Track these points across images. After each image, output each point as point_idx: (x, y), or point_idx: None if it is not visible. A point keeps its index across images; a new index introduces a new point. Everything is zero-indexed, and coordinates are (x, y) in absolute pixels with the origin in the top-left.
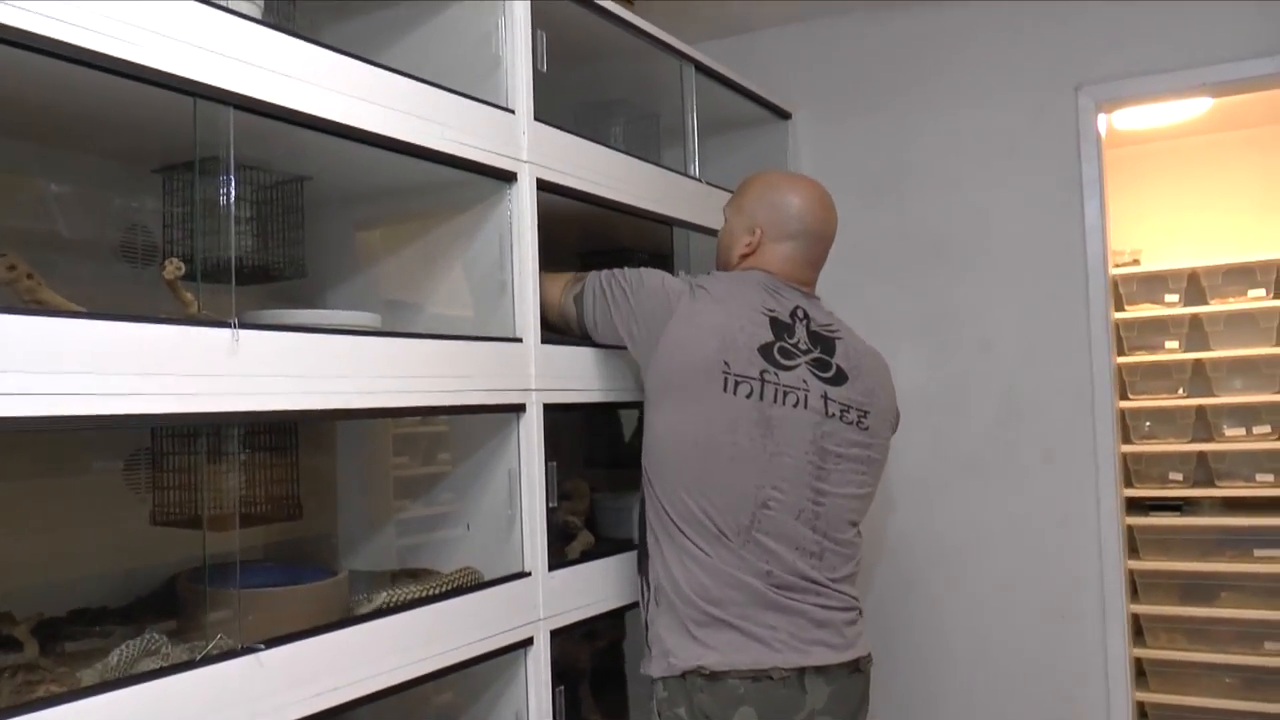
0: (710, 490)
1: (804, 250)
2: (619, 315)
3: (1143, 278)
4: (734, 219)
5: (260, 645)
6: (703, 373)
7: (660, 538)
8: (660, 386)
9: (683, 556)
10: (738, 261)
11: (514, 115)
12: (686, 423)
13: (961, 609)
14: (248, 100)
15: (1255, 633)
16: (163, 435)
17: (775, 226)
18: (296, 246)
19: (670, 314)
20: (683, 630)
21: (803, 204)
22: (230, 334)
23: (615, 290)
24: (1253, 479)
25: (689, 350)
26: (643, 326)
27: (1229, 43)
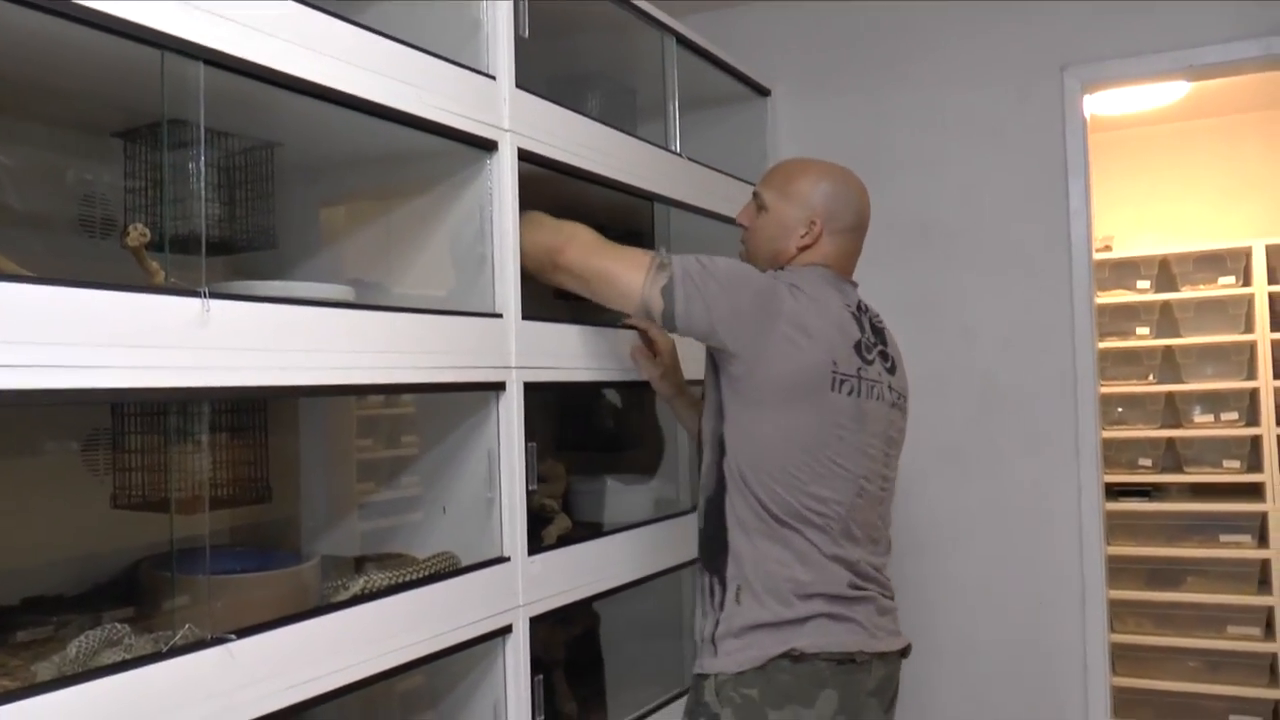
0: (817, 486)
1: (854, 243)
2: (718, 315)
3: (1115, 264)
4: (783, 207)
5: (231, 635)
6: (815, 375)
7: (753, 534)
8: (768, 389)
9: (782, 551)
10: (794, 253)
11: (495, 82)
12: (798, 424)
13: (941, 595)
14: (219, 55)
15: (1219, 617)
16: (124, 413)
17: (834, 219)
18: (266, 216)
19: (778, 315)
20: (773, 621)
21: (857, 197)
22: (200, 304)
23: (712, 287)
24: (1220, 465)
25: (803, 353)
26: (746, 328)
27: (1214, 25)
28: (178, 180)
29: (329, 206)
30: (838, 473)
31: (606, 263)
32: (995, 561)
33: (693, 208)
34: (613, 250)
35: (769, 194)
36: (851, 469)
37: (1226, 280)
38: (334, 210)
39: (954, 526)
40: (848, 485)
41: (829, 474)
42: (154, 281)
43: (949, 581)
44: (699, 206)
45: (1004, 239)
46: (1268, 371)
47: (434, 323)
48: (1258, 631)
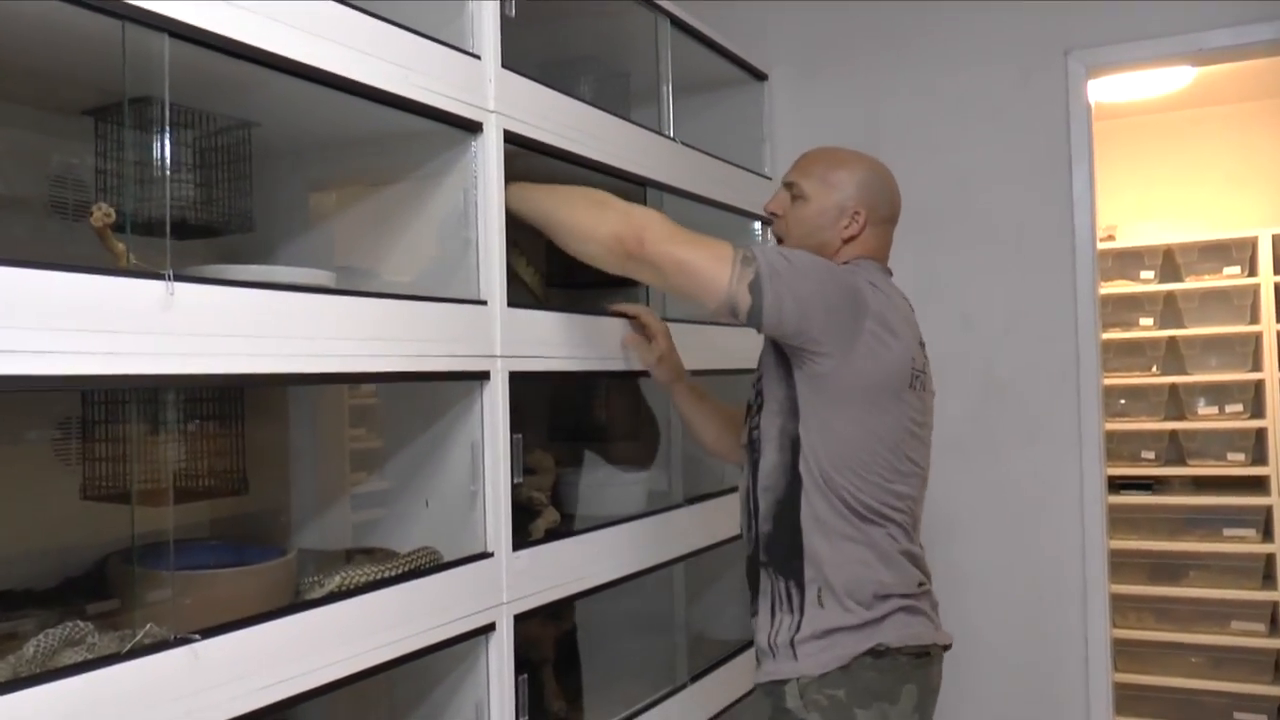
0: (899, 484)
1: (890, 234)
2: (810, 312)
3: (1118, 253)
4: (825, 197)
5: (195, 635)
6: (899, 374)
7: (834, 535)
8: (855, 387)
9: (865, 552)
10: (838, 245)
11: (480, 61)
12: (882, 423)
13: (940, 588)
14: (184, 28)
15: (1222, 612)
16: (95, 401)
17: (875, 209)
18: (243, 198)
19: (865, 312)
20: (856, 623)
21: (892, 186)
22: (164, 287)
23: (802, 284)
24: (1224, 458)
25: (890, 351)
26: (837, 325)
27: (1222, 8)
28: (147, 161)
29: (310, 189)
30: (913, 470)
31: (688, 254)
32: (995, 554)
33: (687, 193)
34: (692, 240)
35: (808, 182)
36: (922, 464)
37: (1232, 270)
38: (315, 193)
39: (953, 519)
40: (919, 481)
41: (908, 471)
42: (120, 263)
43: (948, 574)
44: (693, 192)
45: (1005, 226)
46: (1273, 363)
47: (416, 310)
48: (1262, 627)
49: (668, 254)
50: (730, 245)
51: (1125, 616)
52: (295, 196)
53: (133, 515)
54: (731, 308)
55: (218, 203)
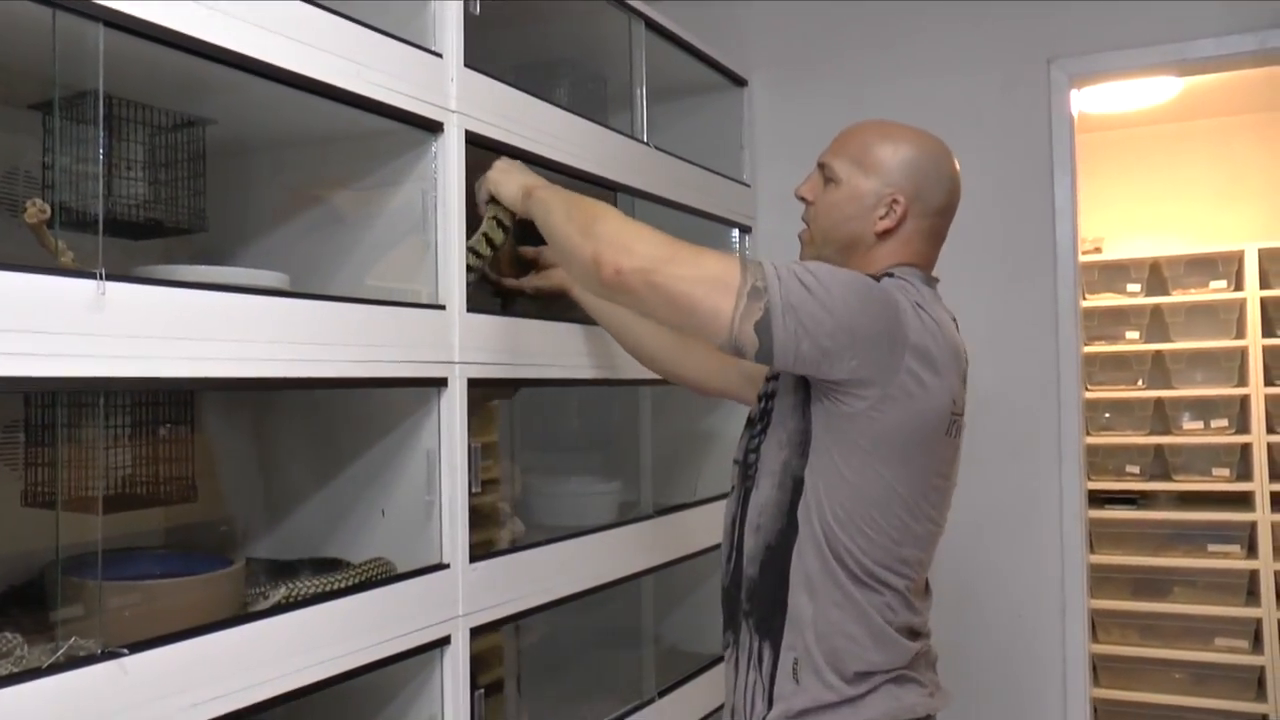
0: (908, 547)
1: (939, 230)
2: (836, 357)
3: (1104, 266)
4: (859, 180)
5: (123, 650)
6: (935, 422)
7: (821, 599)
8: (883, 435)
9: (854, 626)
10: (872, 240)
11: (441, 60)
12: (904, 477)
13: None
14: (121, 17)
15: (1206, 628)
16: (37, 404)
17: (921, 197)
18: (196, 197)
19: (903, 345)
20: (836, 700)
21: (950, 171)
22: (95, 286)
23: (824, 320)
24: (1208, 473)
25: (928, 394)
26: (867, 368)
27: (1208, 18)
28: (90, 156)
29: (268, 189)
30: (929, 531)
31: (681, 284)
32: (973, 569)
33: (659, 199)
34: (688, 264)
35: (840, 163)
36: (939, 519)
37: (1218, 285)
38: (274, 193)
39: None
40: (932, 539)
41: (922, 534)
42: (59, 261)
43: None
44: (666, 198)
45: (987, 237)
46: (1259, 378)
47: (370, 313)
48: (1245, 644)
49: (654, 283)
50: (737, 267)
51: (1109, 632)
52: (253, 196)
53: (58, 522)
54: (735, 350)
55: (169, 201)
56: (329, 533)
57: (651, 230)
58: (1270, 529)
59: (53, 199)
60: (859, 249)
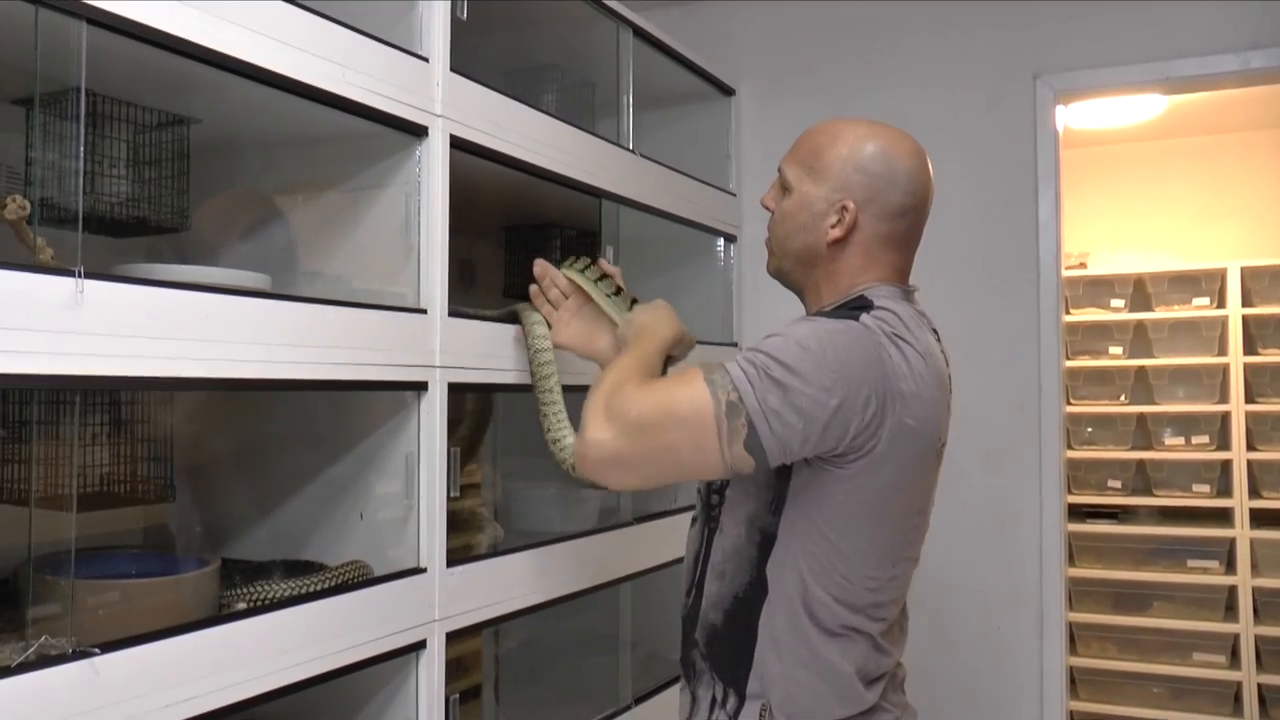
0: (883, 594)
1: (907, 235)
2: (828, 435)
3: (1089, 281)
4: (810, 187)
5: (95, 649)
6: (925, 461)
7: (787, 655)
8: (871, 496)
9: (819, 683)
10: (826, 252)
11: (428, 64)
12: (887, 530)
13: None
14: (103, 15)
15: (1185, 643)
16: (14, 400)
17: (877, 200)
18: (180, 196)
19: (895, 402)
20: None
21: (909, 166)
22: (74, 284)
23: (807, 407)
24: (1189, 489)
25: (917, 440)
26: (858, 435)
27: (1192, 38)
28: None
29: (252, 188)
30: (906, 568)
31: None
32: (951, 581)
33: (644, 206)
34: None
35: (791, 169)
36: (916, 554)
37: (1201, 301)
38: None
39: None
40: (907, 579)
41: (900, 574)
42: (38, 258)
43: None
44: (651, 206)
45: (970, 250)
46: (1240, 395)
47: (352, 316)
48: (1223, 659)
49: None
50: (706, 392)
51: (1089, 646)
52: None
53: (30, 519)
54: (736, 475)
55: (152, 199)
56: (307, 535)
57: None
58: (1249, 545)
59: (34, 195)
60: (817, 262)
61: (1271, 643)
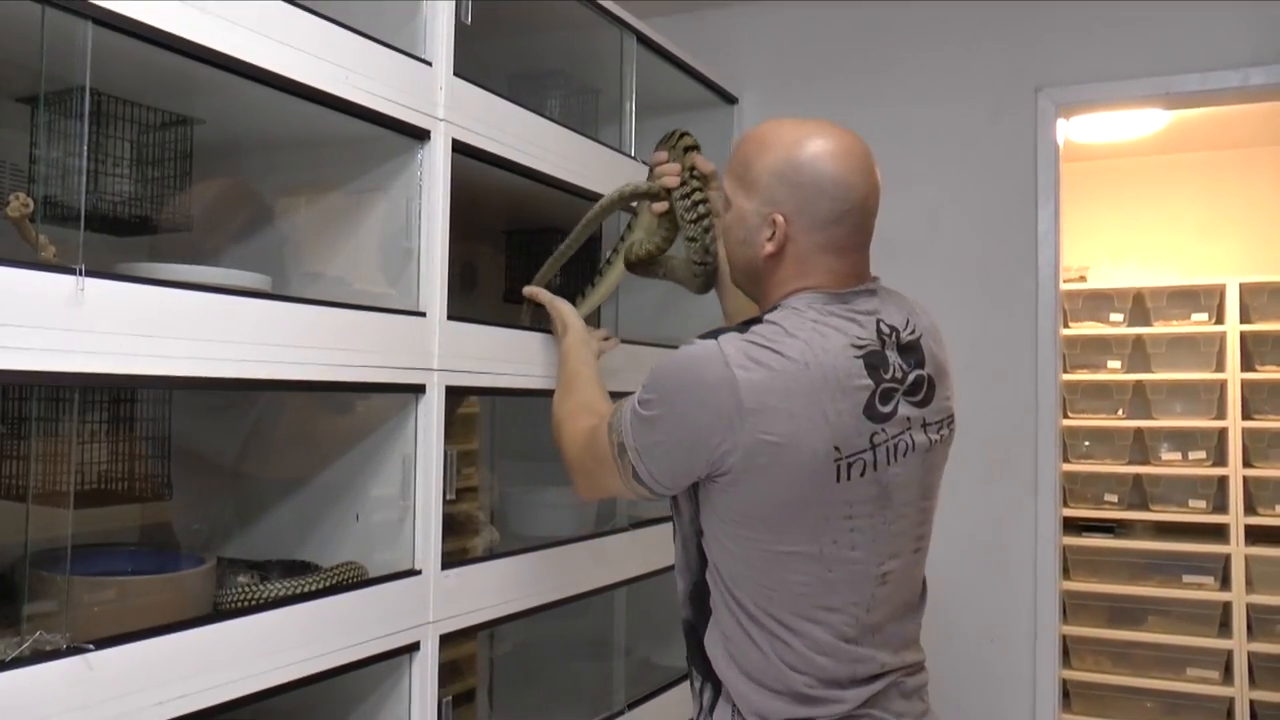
0: (826, 597)
1: (850, 236)
2: (689, 468)
3: (1089, 295)
4: (743, 202)
5: (89, 645)
6: (814, 480)
7: (739, 649)
8: (752, 512)
9: (766, 666)
10: (764, 265)
11: (431, 68)
12: (797, 538)
13: None
14: (109, 15)
15: (1179, 658)
16: (11, 397)
17: (805, 212)
18: (183, 196)
19: (739, 426)
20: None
21: (836, 170)
22: (75, 282)
23: (663, 445)
24: (1185, 504)
25: (792, 451)
26: (715, 461)
27: (1193, 54)
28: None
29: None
30: (850, 572)
31: (592, 480)
32: (946, 592)
33: None
34: (584, 463)
35: (728, 182)
36: (869, 560)
37: (1199, 317)
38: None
39: None
40: (865, 582)
41: (840, 578)
42: (40, 256)
43: None
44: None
45: (969, 262)
46: (1237, 411)
47: (351, 318)
48: (1216, 675)
49: (585, 485)
50: (607, 436)
51: (1083, 659)
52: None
53: (28, 515)
54: (644, 499)
55: (155, 199)
56: (303, 535)
57: (571, 439)
58: (1244, 561)
59: (37, 193)
60: (759, 274)
61: (1265, 659)
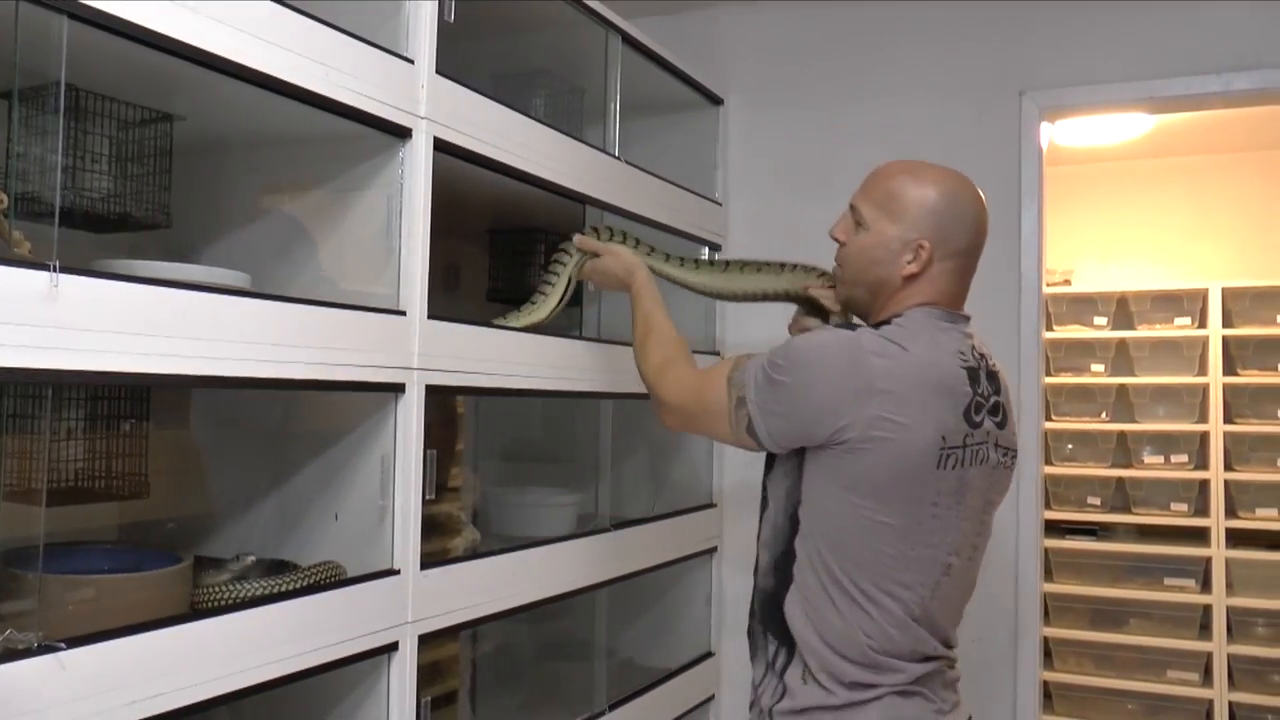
0: (903, 572)
1: (968, 267)
2: (811, 430)
3: (1073, 298)
4: (885, 226)
5: (61, 644)
6: (918, 460)
7: (823, 610)
8: (863, 479)
9: (847, 642)
10: (899, 283)
11: (413, 66)
12: (893, 512)
13: None
14: (84, 9)
15: (1160, 660)
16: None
17: (946, 241)
18: (162, 192)
19: (869, 398)
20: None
21: (974, 210)
22: (49, 278)
23: (794, 408)
24: (1167, 507)
25: (907, 435)
26: (838, 430)
27: (1177, 58)
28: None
29: (234, 187)
30: (925, 555)
31: (695, 422)
32: None
33: (628, 213)
34: (696, 407)
35: (868, 208)
36: (940, 547)
37: (1182, 321)
38: (240, 191)
39: None
40: (934, 567)
41: (918, 558)
42: (15, 251)
43: None
44: (635, 212)
45: None
46: (1218, 415)
47: (330, 316)
48: (1196, 677)
49: (683, 426)
50: (725, 391)
51: (1065, 661)
52: (220, 194)
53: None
54: (745, 448)
55: (134, 196)
56: (282, 534)
57: (676, 383)
58: (1224, 564)
59: (13, 189)
60: (886, 290)
61: (1244, 661)
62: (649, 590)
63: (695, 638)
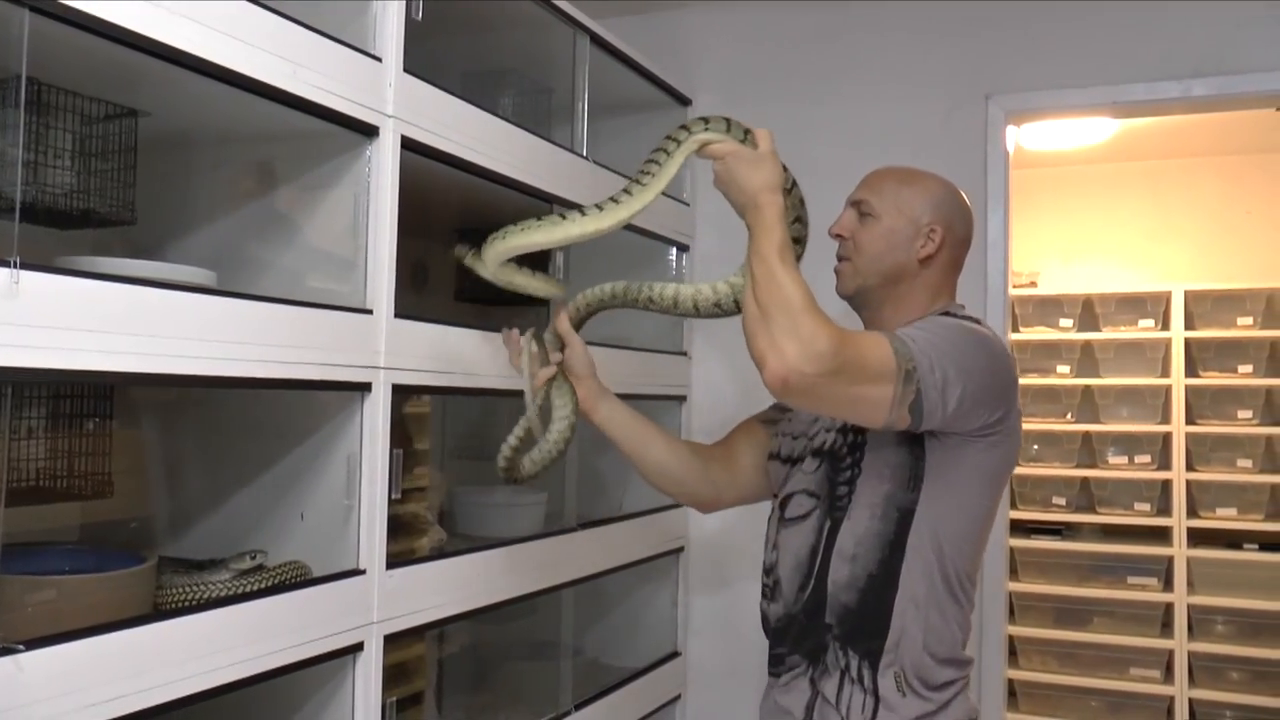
0: (980, 559)
1: (962, 262)
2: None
3: (1039, 300)
4: (897, 213)
5: (19, 646)
6: (1017, 451)
7: (926, 619)
8: (995, 469)
9: (937, 641)
10: (916, 267)
11: (380, 64)
12: (994, 500)
13: None
14: (46, 3)
15: (1123, 658)
16: None
17: (953, 228)
18: (127, 189)
19: (1015, 394)
20: (933, 708)
21: (969, 206)
22: (9, 274)
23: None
24: (1131, 507)
25: (1019, 436)
26: (996, 419)
27: (1140, 64)
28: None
29: (200, 184)
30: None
31: (852, 388)
32: None
33: None
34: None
35: (878, 199)
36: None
37: (1146, 323)
38: (206, 188)
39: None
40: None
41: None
42: None
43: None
44: None
45: None
46: (1180, 416)
47: (295, 315)
48: (1158, 674)
49: (819, 394)
50: (893, 358)
51: (1030, 659)
52: (187, 191)
53: None
54: (886, 428)
55: (98, 192)
56: (247, 534)
57: (829, 328)
58: (1186, 563)
59: None
60: (904, 278)
61: (1204, 659)
62: (615, 590)
63: (661, 637)
